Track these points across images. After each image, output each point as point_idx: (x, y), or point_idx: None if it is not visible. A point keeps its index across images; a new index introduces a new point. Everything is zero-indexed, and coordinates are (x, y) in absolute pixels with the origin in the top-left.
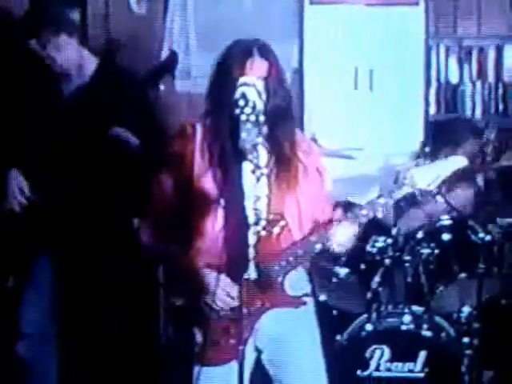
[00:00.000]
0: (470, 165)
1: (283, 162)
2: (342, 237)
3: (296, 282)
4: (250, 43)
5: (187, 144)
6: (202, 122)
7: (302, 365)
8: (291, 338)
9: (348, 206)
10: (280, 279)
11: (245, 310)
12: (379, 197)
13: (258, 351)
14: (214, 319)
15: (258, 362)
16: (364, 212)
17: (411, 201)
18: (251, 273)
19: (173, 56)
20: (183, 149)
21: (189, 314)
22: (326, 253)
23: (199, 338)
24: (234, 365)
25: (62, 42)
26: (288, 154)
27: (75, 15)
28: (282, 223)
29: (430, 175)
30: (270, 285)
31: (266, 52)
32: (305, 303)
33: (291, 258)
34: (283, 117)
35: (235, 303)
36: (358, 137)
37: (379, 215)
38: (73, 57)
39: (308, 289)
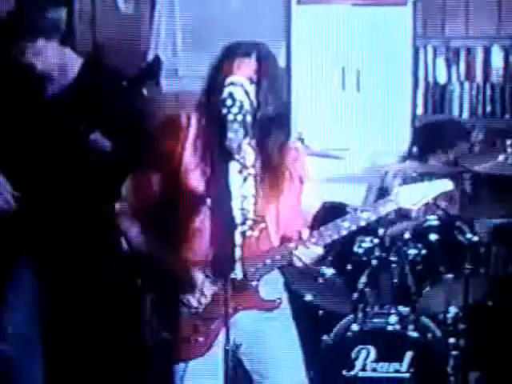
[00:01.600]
0: (457, 166)
1: (270, 165)
2: (303, 255)
3: (270, 286)
4: (247, 46)
5: (179, 135)
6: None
7: (279, 357)
8: (268, 331)
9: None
10: (255, 282)
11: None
12: (363, 211)
13: (236, 345)
14: (185, 317)
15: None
16: (346, 224)
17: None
18: (238, 273)
19: (156, 61)
20: (174, 140)
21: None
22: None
23: (167, 335)
24: (218, 358)
25: (40, 47)
26: (276, 158)
27: (58, 15)
28: (262, 226)
29: (415, 195)
30: (245, 286)
31: (256, 52)
32: (277, 307)
33: (268, 261)
34: (274, 120)
35: (207, 301)
36: (345, 137)
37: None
38: (53, 59)
39: (283, 293)
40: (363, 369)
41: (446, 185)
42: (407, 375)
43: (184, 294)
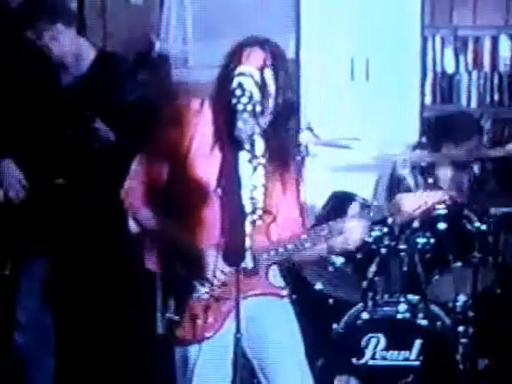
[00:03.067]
0: (466, 154)
1: (279, 155)
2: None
3: (277, 273)
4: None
5: (190, 120)
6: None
7: (280, 343)
8: (269, 319)
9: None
10: (265, 268)
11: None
12: (370, 211)
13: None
14: (196, 297)
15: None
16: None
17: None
18: (248, 262)
19: (150, 45)
20: (185, 125)
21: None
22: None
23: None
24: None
25: (59, 32)
26: (285, 148)
27: (72, 5)
28: (271, 216)
29: (417, 202)
30: (257, 272)
31: (266, 43)
32: (286, 295)
33: (281, 249)
34: (284, 110)
35: (221, 281)
36: (355, 126)
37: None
38: (70, 46)
39: (282, 283)
40: (373, 357)
41: (443, 195)
42: (417, 363)
43: (196, 274)
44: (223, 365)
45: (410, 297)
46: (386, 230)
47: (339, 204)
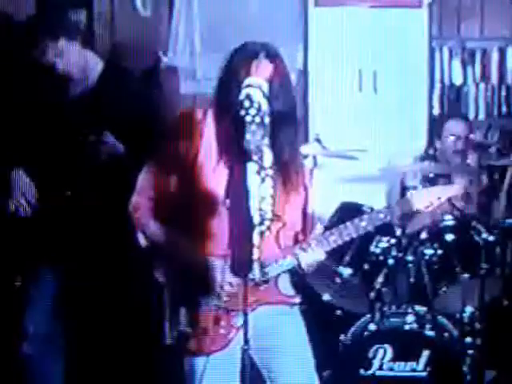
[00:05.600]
0: (474, 166)
1: (284, 164)
2: (309, 259)
3: (286, 282)
4: (257, 46)
5: (194, 130)
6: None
7: (289, 353)
8: (279, 329)
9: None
10: (274, 277)
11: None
12: (379, 212)
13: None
14: (206, 309)
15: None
16: (363, 224)
17: None
18: (256, 273)
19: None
20: (189, 135)
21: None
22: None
23: (187, 329)
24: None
25: (62, 47)
26: (288, 158)
27: (78, 17)
28: (279, 225)
29: (428, 197)
30: (266, 281)
31: (272, 54)
32: (296, 304)
33: (289, 258)
34: (286, 120)
35: (234, 289)
36: (363, 138)
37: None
38: (75, 60)
39: (292, 291)
40: (380, 368)
41: (457, 189)
42: (424, 374)
43: (204, 286)
44: (231, 376)
45: (418, 308)
46: (393, 241)
47: (347, 214)
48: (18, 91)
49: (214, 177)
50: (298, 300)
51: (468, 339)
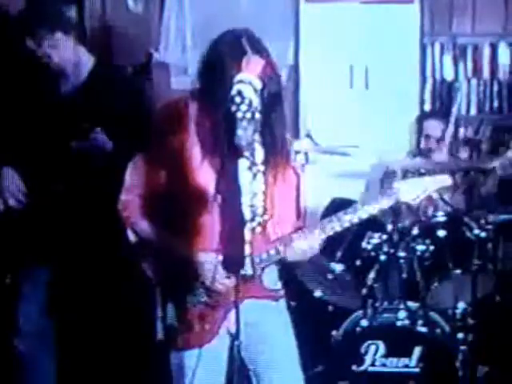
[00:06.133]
0: (465, 162)
1: (272, 156)
2: (298, 249)
3: (271, 276)
4: (239, 34)
5: (178, 121)
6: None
7: (275, 347)
8: (265, 323)
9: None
10: (259, 272)
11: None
12: (364, 204)
13: (232, 336)
14: (191, 305)
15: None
16: (347, 217)
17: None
18: (247, 269)
19: (149, 58)
20: (175, 126)
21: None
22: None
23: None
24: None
25: (58, 40)
26: (278, 148)
27: (71, 13)
28: (266, 217)
29: (416, 189)
30: (252, 276)
31: (260, 49)
32: (281, 296)
33: (272, 252)
34: (276, 111)
35: (232, 284)
36: (354, 134)
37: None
38: (69, 55)
39: (279, 284)
40: (372, 364)
41: (445, 180)
42: (416, 370)
43: (194, 282)
44: (218, 371)
45: (410, 304)
46: (385, 237)
47: (338, 210)
48: (10, 84)
49: (204, 172)
50: (281, 293)
51: (460, 335)
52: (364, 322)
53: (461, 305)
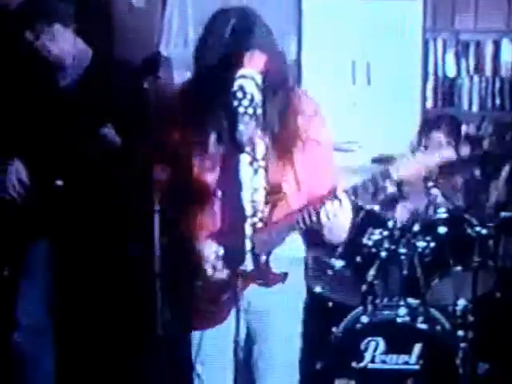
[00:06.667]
0: (467, 158)
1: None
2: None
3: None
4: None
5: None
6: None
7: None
8: (273, 307)
9: None
10: (264, 257)
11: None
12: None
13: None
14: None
15: None
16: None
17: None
18: (248, 264)
19: (157, 56)
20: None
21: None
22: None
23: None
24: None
25: (57, 32)
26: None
27: (71, 6)
28: (280, 195)
29: (416, 167)
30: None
31: (263, 43)
32: (282, 281)
33: (273, 234)
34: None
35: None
36: (356, 130)
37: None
38: (68, 47)
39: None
40: (372, 360)
41: (448, 154)
42: (416, 367)
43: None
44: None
45: (410, 300)
46: (386, 233)
47: None
48: (10, 77)
49: (207, 167)
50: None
51: (460, 332)
52: (364, 319)
53: (461, 302)
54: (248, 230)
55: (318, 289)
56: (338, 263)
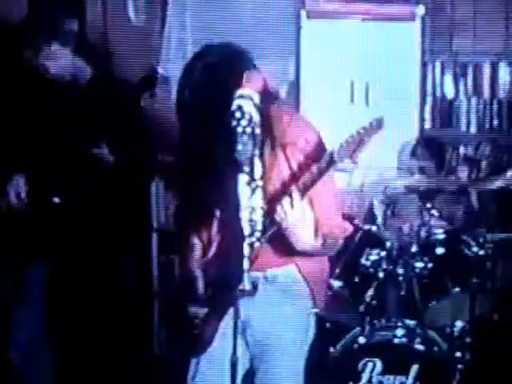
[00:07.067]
0: (464, 180)
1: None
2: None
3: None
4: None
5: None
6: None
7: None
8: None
9: None
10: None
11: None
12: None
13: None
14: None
15: None
16: None
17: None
18: (246, 284)
19: (153, 73)
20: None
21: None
22: None
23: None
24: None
25: (55, 51)
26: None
27: (71, 25)
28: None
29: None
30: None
31: (253, 64)
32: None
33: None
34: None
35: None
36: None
37: None
38: (66, 66)
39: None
40: (369, 381)
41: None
42: None
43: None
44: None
45: (407, 322)
46: (383, 253)
47: None
48: (9, 92)
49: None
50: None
51: (458, 354)
52: (361, 339)
53: (459, 323)
54: (246, 250)
55: (315, 309)
56: (336, 283)
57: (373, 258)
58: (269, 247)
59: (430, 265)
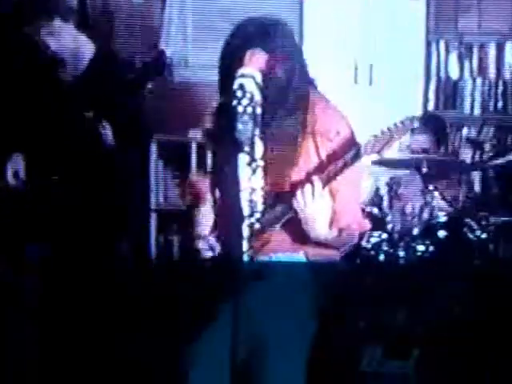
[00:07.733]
0: (468, 162)
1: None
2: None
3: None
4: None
5: None
6: None
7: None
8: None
9: None
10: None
11: None
12: None
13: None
14: None
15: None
16: None
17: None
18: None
19: (161, 56)
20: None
21: None
22: None
23: None
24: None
25: (57, 28)
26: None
27: (73, 1)
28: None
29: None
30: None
31: (268, 43)
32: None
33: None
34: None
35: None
36: (357, 130)
37: None
38: (68, 42)
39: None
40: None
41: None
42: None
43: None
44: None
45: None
46: (385, 236)
47: None
48: (10, 72)
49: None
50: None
51: None
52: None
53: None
54: (245, 231)
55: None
56: None
57: (374, 239)
58: (282, 232)
59: (431, 248)
